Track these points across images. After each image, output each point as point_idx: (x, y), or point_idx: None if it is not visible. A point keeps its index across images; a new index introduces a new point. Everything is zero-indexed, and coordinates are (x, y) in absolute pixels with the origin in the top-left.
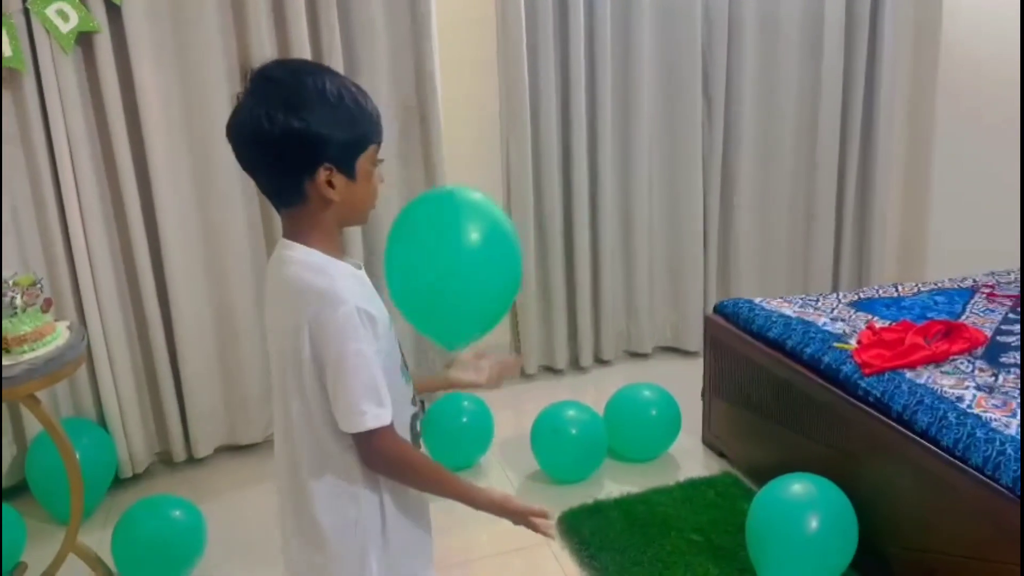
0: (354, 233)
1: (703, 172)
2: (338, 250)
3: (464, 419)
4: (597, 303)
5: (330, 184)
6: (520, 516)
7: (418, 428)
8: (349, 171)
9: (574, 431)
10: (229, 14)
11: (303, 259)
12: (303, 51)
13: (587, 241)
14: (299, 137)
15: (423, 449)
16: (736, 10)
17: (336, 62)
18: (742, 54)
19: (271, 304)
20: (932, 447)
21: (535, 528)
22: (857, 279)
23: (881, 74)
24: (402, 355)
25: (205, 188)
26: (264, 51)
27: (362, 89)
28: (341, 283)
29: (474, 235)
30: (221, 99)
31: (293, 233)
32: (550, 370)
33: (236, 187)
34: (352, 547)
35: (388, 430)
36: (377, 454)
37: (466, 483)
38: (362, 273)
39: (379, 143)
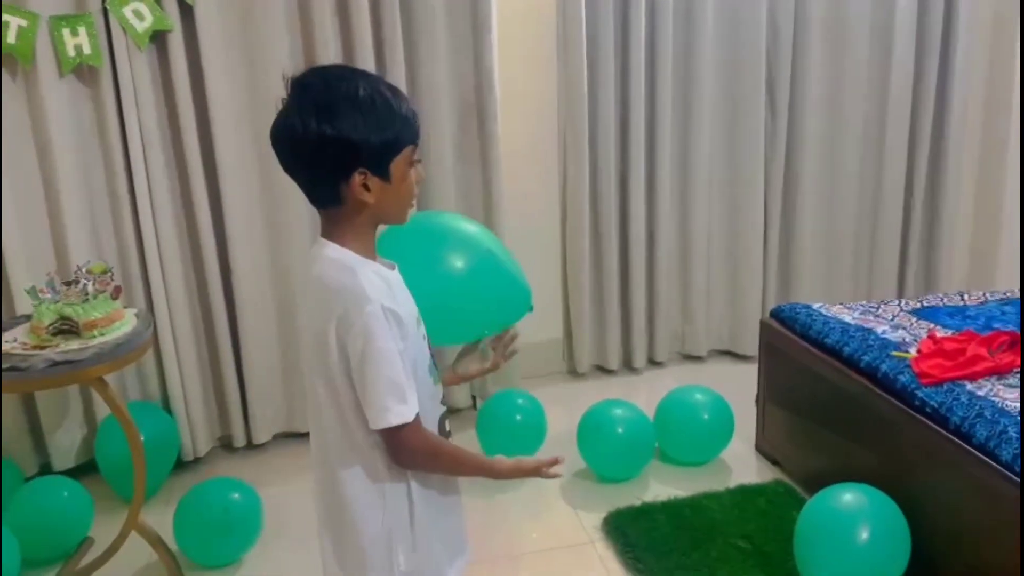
0: None
1: (765, 174)
2: (371, 250)
3: (518, 416)
4: (652, 303)
5: (365, 187)
6: (535, 471)
7: (447, 428)
8: (384, 174)
9: (620, 429)
10: (295, 13)
11: (333, 257)
12: (366, 47)
13: (643, 240)
14: (332, 143)
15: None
16: (802, 10)
17: (397, 57)
18: (807, 54)
19: (303, 301)
20: (990, 461)
21: (547, 475)
22: (924, 286)
23: (954, 74)
24: (432, 355)
25: (270, 182)
26: (328, 48)
27: (398, 91)
28: (367, 281)
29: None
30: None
31: (328, 232)
32: (602, 370)
33: None
34: (380, 539)
35: (412, 426)
36: (403, 449)
37: (484, 459)
38: (394, 274)
39: (415, 144)
